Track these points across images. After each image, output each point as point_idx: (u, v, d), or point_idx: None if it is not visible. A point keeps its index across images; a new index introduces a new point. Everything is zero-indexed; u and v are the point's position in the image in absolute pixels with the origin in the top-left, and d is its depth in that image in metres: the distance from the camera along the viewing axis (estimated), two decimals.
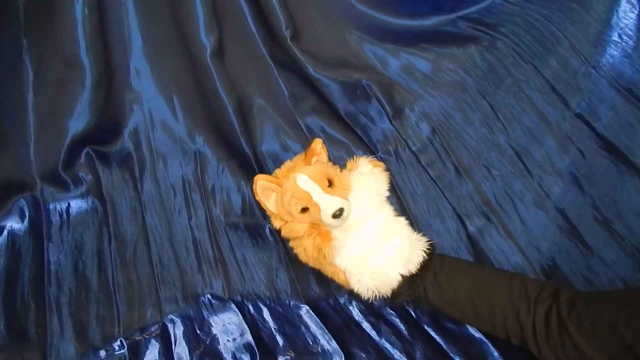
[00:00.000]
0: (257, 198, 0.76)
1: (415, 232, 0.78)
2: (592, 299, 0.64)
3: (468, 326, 0.78)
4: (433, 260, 0.75)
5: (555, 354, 0.65)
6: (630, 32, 0.85)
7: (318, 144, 0.77)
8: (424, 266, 0.74)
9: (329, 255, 0.73)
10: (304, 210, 0.74)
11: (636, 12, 0.85)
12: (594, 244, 0.79)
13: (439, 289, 0.73)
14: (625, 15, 0.86)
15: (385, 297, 0.77)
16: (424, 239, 0.77)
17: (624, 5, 0.85)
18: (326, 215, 0.71)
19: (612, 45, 0.86)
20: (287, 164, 0.78)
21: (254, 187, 0.75)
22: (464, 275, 0.74)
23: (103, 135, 1.00)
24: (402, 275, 0.73)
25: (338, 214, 0.71)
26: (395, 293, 0.75)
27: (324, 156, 0.79)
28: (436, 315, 0.81)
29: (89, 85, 0.94)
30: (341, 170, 0.79)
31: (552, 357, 0.65)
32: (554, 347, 0.65)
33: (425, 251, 0.75)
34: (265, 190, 0.76)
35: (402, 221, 0.78)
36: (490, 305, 0.70)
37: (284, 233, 0.78)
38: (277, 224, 0.78)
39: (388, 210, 0.78)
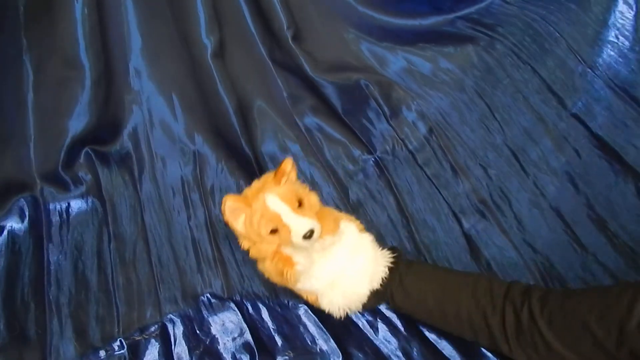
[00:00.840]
0: (225, 219, 0.75)
1: (379, 247, 0.79)
2: (564, 297, 0.64)
3: None
4: (400, 265, 0.77)
5: (526, 353, 0.65)
6: (626, 33, 0.86)
7: (288, 164, 0.74)
8: (390, 271, 0.76)
9: (292, 280, 0.73)
10: (274, 231, 0.72)
11: (633, 12, 0.86)
12: (588, 242, 0.80)
13: (405, 293, 0.74)
14: (622, 16, 0.86)
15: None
16: (387, 253, 0.78)
17: (621, 6, 0.86)
18: (297, 236, 0.69)
19: (609, 46, 0.87)
20: (256, 184, 0.75)
21: (222, 207, 0.73)
22: (429, 278, 0.75)
23: (102, 135, 1.00)
24: (370, 291, 0.75)
25: (309, 235, 0.69)
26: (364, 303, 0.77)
27: (293, 175, 0.77)
28: None
29: (88, 85, 0.94)
30: (307, 189, 0.77)
31: (523, 355, 0.65)
32: (525, 346, 0.64)
33: (389, 262, 0.77)
34: (235, 211, 0.74)
35: (366, 238, 0.79)
36: (455, 305, 0.71)
37: (252, 254, 0.77)
38: (245, 244, 0.77)
39: (351, 229, 0.78)
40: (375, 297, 0.77)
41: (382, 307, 0.83)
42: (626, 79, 0.84)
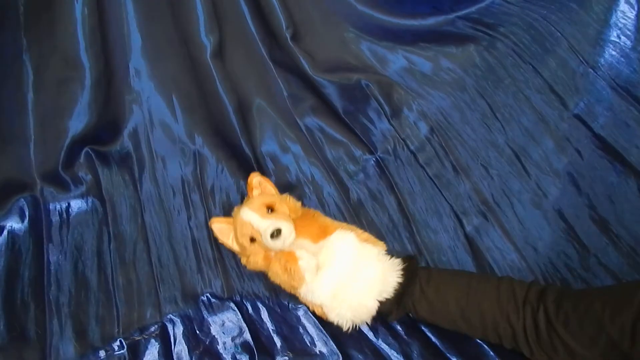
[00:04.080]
0: (219, 240, 0.84)
1: (388, 255, 0.78)
2: (578, 298, 0.64)
3: None
4: (419, 274, 0.76)
5: (547, 355, 0.65)
6: (628, 32, 0.85)
7: (253, 178, 0.85)
8: (410, 282, 0.75)
9: (297, 276, 0.75)
10: (253, 240, 0.78)
11: (635, 12, 0.85)
12: (590, 243, 0.80)
13: (428, 302, 0.74)
14: (623, 15, 0.86)
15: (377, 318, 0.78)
16: (398, 261, 0.77)
17: (622, 5, 0.86)
18: (266, 239, 0.74)
19: (611, 45, 0.86)
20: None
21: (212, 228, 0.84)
22: (451, 286, 0.74)
23: (103, 135, 1.00)
24: (379, 302, 0.75)
25: (276, 234, 0.74)
26: (386, 312, 0.76)
27: (267, 186, 0.86)
28: None
29: (88, 85, 0.94)
30: (290, 199, 0.84)
31: (544, 358, 0.66)
32: (546, 348, 0.65)
33: (401, 272, 0.75)
34: (222, 230, 0.84)
35: (369, 248, 0.78)
36: (480, 312, 0.71)
37: (249, 267, 0.82)
38: (242, 260, 0.83)
39: (348, 239, 0.78)
40: (397, 308, 0.75)
41: None
42: (628, 79, 0.84)
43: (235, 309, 0.85)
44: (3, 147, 0.92)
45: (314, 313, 0.82)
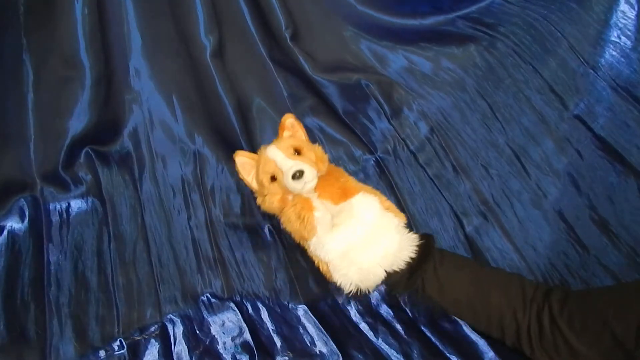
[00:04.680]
0: (239, 174, 0.83)
1: (406, 229, 0.77)
2: (583, 297, 0.65)
3: (464, 326, 0.78)
4: (433, 253, 0.75)
5: (549, 355, 0.65)
6: (629, 32, 0.85)
7: (287, 119, 0.83)
8: (424, 259, 0.74)
9: (309, 225, 0.74)
10: (274, 179, 0.77)
11: (635, 12, 0.85)
12: (590, 244, 0.80)
13: (438, 282, 0.73)
14: (624, 16, 0.86)
15: (383, 288, 0.78)
16: (415, 236, 0.76)
17: (622, 5, 0.85)
18: (287, 178, 0.74)
19: (611, 46, 0.86)
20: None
21: (235, 161, 0.82)
22: (463, 271, 0.74)
23: (103, 135, 1.00)
24: (390, 273, 0.73)
25: (298, 176, 0.73)
26: (394, 284, 0.75)
27: (299, 131, 0.84)
28: (433, 315, 0.81)
29: (88, 85, 0.95)
30: (318, 149, 0.82)
31: (545, 357, 0.65)
32: (547, 347, 0.65)
33: (416, 248, 0.74)
34: (245, 165, 0.82)
35: (391, 217, 0.77)
36: (487, 301, 0.70)
37: (263, 207, 0.82)
38: (258, 200, 0.82)
39: (372, 203, 0.77)
40: (407, 283, 0.74)
41: (382, 309, 0.83)
42: (628, 79, 0.83)
43: (235, 309, 0.85)
44: (3, 147, 0.92)
45: (307, 303, 0.82)
